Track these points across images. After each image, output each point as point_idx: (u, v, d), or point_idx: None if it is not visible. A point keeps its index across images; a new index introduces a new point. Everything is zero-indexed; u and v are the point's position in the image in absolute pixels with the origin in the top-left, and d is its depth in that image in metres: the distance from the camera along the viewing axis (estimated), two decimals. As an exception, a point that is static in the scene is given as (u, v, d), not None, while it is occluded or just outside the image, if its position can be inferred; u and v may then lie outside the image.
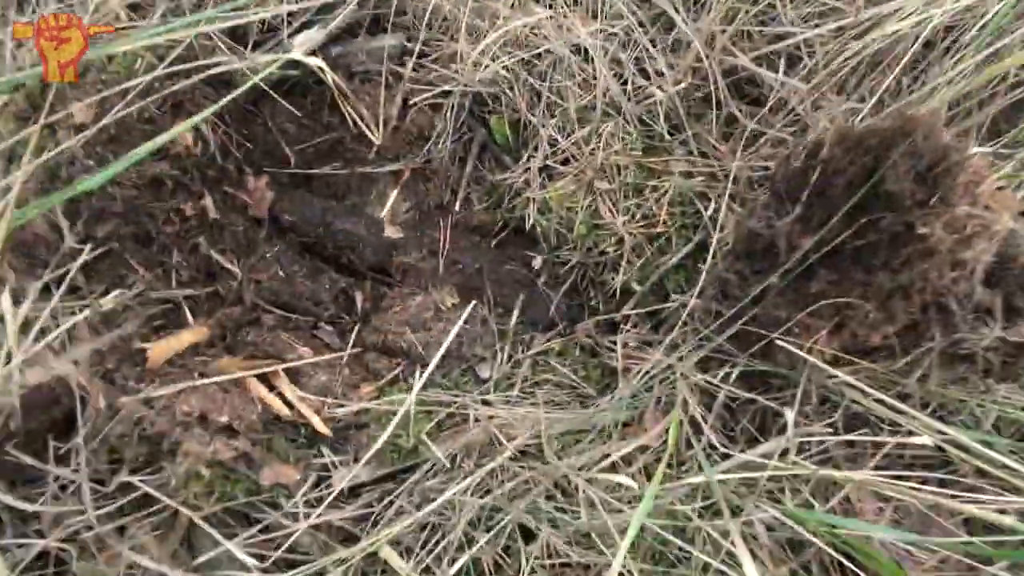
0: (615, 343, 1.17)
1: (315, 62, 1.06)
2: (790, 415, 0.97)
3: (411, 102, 1.27)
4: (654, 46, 1.23)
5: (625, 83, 1.23)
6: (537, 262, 1.24)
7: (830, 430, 0.96)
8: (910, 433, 0.92)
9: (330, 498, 0.95)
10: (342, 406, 1.09)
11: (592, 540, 0.96)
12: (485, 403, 1.08)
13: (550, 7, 1.26)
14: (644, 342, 1.18)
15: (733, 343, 1.03)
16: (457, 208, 1.29)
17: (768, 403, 1.02)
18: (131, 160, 0.85)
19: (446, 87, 1.25)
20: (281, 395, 1.08)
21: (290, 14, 1.25)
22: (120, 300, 0.96)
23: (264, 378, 1.09)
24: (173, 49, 1.07)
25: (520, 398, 1.11)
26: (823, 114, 1.16)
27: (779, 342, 0.95)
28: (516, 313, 1.20)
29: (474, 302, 1.20)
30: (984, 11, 1.14)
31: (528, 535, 0.98)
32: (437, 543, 0.98)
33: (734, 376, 1.05)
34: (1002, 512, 0.84)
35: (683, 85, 1.22)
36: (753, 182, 1.23)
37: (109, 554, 0.91)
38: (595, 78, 1.23)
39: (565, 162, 1.25)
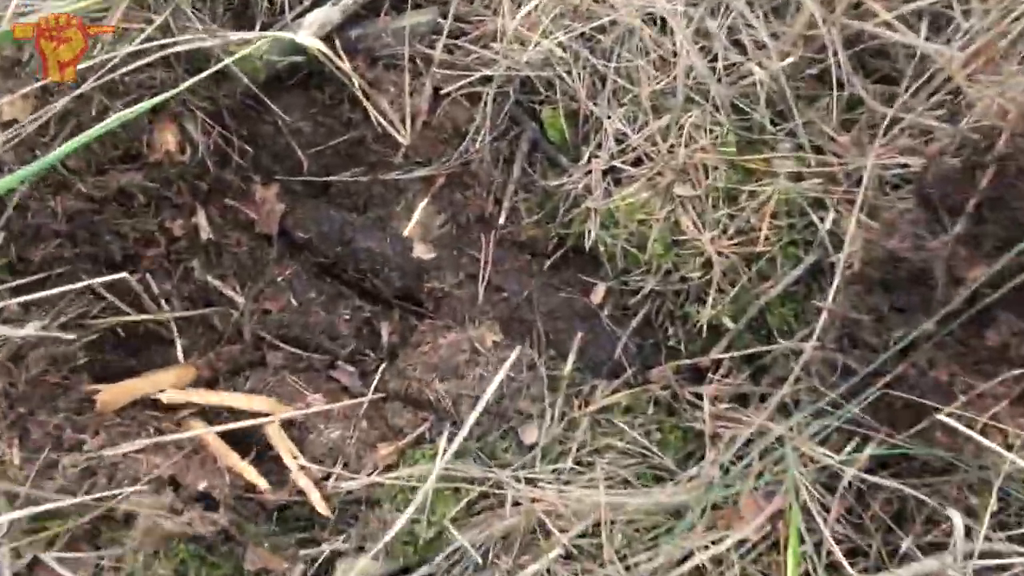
0: (701, 397, 0.91)
1: (312, 42, 0.83)
2: (957, 519, 0.68)
3: (443, 91, 1.03)
4: (752, 10, 0.96)
5: (714, 60, 0.97)
6: (600, 290, 0.98)
7: (1016, 546, 0.67)
8: None
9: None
10: (353, 478, 0.87)
11: None
12: (529, 481, 0.83)
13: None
14: (739, 396, 0.91)
15: (868, 411, 0.75)
16: (501, 221, 1.04)
17: (917, 494, 0.74)
18: (52, 158, 0.65)
19: (486, 72, 1.01)
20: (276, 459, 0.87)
21: (299, -11, 1.04)
22: (45, 331, 0.76)
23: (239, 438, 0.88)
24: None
25: (575, 472, 0.86)
26: (989, 91, 0.85)
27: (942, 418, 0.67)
28: (573, 356, 0.94)
29: (519, 346, 0.95)
30: None
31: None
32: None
33: (867, 453, 0.77)
34: None
35: (791, 60, 0.94)
36: (886, 184, 0.94)
37: None
38: (675, 55, 0.97)
39: (636, 162, 0.99)
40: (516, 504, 0.81)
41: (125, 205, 0.89)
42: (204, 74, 0.80)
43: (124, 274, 0.88)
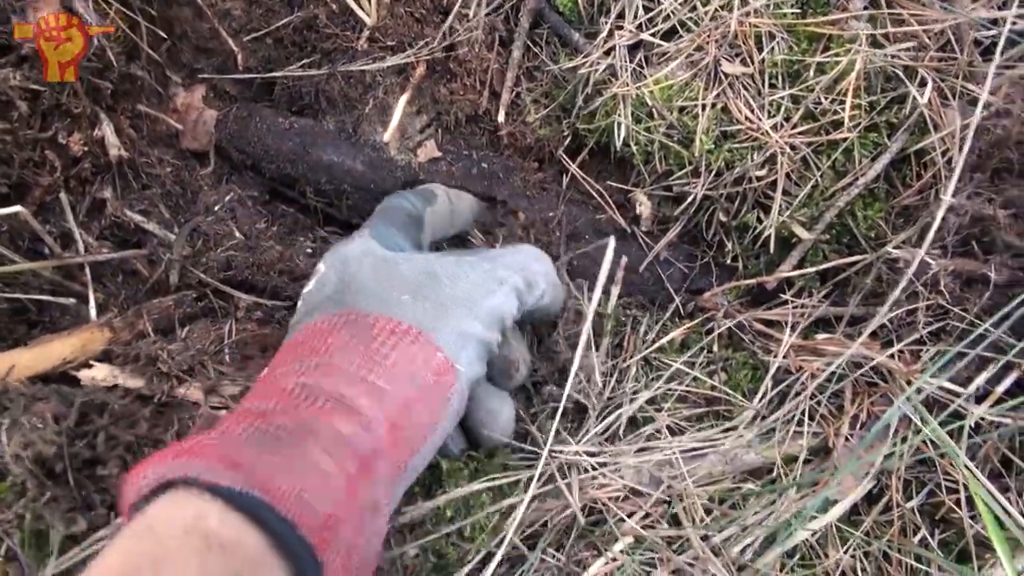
0: (772, 324, 0.73)
1: None
2: None
3: (418, -51, 0.79)
4: None
5: None
6: (637, 201, 0.78)
7: None
8: None
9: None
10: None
11: None
12: (568, 449, 0.65)
13: None
14: (819, 323, 0.74)
15: (1012, 334, 0.59)
16: (501, 119, 0.82)
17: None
18: None
19: (474, -80, 0.78)
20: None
21: None
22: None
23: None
24: None
25: (632, 431, 0.68)
26: None
27: None
28: (617, 288, 0.75)
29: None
30: None
31: None
32: None
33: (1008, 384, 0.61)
34: None
35: None
36: (978, 46, 0.75)
37: None
38: None
39: (670, 34, 0.78)
40: (565, 481, 0.63)
41: (1, 117, 0.64)
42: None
43: (18, 208, 0.65)
